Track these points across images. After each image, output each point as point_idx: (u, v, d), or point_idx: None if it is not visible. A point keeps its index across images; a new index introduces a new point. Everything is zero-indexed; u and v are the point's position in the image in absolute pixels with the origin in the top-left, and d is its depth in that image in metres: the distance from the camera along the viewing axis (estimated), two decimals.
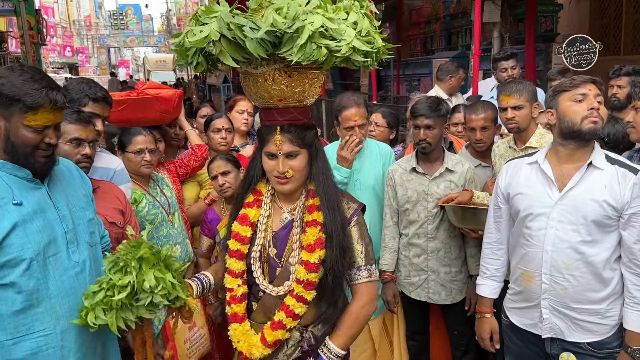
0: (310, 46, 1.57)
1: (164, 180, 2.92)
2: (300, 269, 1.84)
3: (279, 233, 1.93)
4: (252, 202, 1.96)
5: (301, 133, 1.84)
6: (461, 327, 3.03)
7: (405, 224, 2.99)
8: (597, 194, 2.06)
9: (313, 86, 1.81)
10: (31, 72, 1.74)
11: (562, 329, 2.16)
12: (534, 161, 2.24)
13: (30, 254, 1.70)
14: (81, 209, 1.93)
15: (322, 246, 1.83)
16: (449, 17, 10.80)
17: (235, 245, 1.92)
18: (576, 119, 2.08)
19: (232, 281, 1.94)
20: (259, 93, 1.80)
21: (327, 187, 1.88)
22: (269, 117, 1.85)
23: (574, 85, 2.13)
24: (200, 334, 2.77)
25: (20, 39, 14.66)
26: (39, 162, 1.77)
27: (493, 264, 2.42)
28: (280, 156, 1.83)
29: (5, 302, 1.70)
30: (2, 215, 1.69)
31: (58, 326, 1.77)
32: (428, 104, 2.87)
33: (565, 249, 2.10)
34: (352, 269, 1.88)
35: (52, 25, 30.90)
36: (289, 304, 1.85)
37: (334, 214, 1.85)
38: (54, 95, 1.73)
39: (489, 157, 3.19)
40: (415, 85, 10.55)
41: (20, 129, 1.71)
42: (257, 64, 1.68)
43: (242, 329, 1.92)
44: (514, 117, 2.88)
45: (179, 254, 2.81)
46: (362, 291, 1.89)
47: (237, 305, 1.94)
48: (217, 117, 3.64)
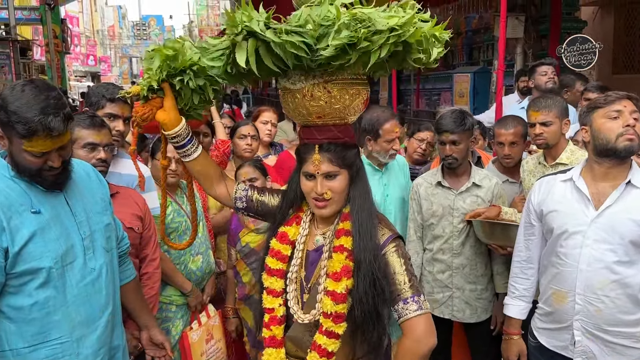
0: (346, 32, 1.48)
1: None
2: (326, 300, 1.68)
3: (310, 254, 1.83)
4: (292, 219, 1.86)
5: (341, 152, 1.72)
6: (485, 347, 2.94)
7: (429, 239, 2.93)
8: (635, 213, 2.00)
9: (354, 102, 1.71)
10: (32, 93, 1.65)
11: (594, 352, 2.08)
12: (569, 178, 2.18)
13: (48, 263, 1.70)
14: (98, 214, 1.92)
15: (350, 275, 1.68)
16: (471, 32, 10.76)
17: (276, 264, 1.80)
18: (611, 137, 2.02)
19: (272, 301, 1.80)
20: (297, 110, 1.72)
21: (362, 210, 1.75)
22: (307, 135, 1.76)
23: (608, 102, 2.07)
24: (217, 347, 2.72)
25: (45, 47, 15.00)
26: (47, 181, 1.74)
27: (522, 283, 2.34)
28: (318, 176, 1.71)
29: (22, 310, 1.69)
30: (22, 223, 1.68)
31: (74, 334, 1.77)
32: (453, 119, 2.81)
33: (601, 269, 2.03)
34: (397, 304, 1.67)
35: (76, 35, 31.51)
36: (321, 343, 1.69)
37: (365, 240, 1.69)
38: (48, 122, 1.62)
39: (517, 173, 3.11)
40: (435, 99, 10.50)
41: (21, 153, 1.68)
42: (295, 79, 1.62)
43: (276, 356, 1.79)
44: (542, 134, 2.80)
45: (200, 264, 2.77)
46: (413, 326, 1.65)
47: (277, 327, 1.80)
48: (243, 124, 3.66)
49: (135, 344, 2.27)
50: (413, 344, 1.65)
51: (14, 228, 1.66)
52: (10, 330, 1.69)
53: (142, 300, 2.26)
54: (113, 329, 1.93)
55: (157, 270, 2.47)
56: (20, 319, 1.69)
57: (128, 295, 2.14)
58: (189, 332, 2.61)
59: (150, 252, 2.42)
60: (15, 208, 1.68)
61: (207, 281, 2.88)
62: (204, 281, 2.86)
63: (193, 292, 2.72)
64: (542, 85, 4.56)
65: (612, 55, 8.56)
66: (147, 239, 2.42)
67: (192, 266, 2.73)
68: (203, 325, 2.67)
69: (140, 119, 1.71)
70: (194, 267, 2.74)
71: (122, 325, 2.04)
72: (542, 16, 8.27)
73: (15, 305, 1.68)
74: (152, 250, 2.44)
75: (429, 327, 1.67)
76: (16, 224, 1.66)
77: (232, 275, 3.02)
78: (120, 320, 2.02)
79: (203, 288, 2.86)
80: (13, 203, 1.68)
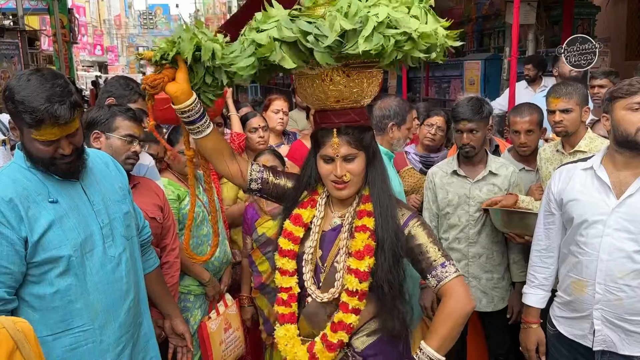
0: (377, 36, 1.49)
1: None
2: (350, 278, 1.72)
3: (327, 234, 1.85)
4: (306, 202, 1.88)
5: (359, 135, 1.75)
6: (501, 335, 2.95)
7: (445, 228, 2.92)
8: None
9: (371, 85, 1.74)
10: (37, 82, 1.64)
11: (614, 341, 2.07)
12: (589, 167, 2.15)
13: (68, 251, 1.71)
14: (117, 203, 1.93)
15: (372, 254, 1.73)
16: (482, 19, 10.62)
17: (288, 245, 1.84)
18: (631, 130, 1.99)
19: (288, 280, 1.84)
20: (315, 94, 1.73)
21: (382, 192, 1.79)
22: (324, 119, 1.77)
23: (630, 93, 2.01)
24: (235, 336, 2.74)
25: (53, 37, 15.00)
26: (61, 169, 1.75)
27: (542, 272, 2.33)
28: (337, 159, 1.74)
29: (45, 299, 1.71)
30: (39, 213, 1.69)
31: (96, 321, 1.78)
32: (470, 107, 2.79)
33: (622, 258, 2.01)
34: (435, 269, 1.71)
35: (83, 24, 31.47)
36: (350, 322, 1.73)
37: (387, 220, 1.74)
38: (55, 110, 1.62)
39: (533, 161, 3.09)
40: (445, 87, 10.39)
41: (31, 142, 1.69)
42: (314, 64, 1.61)
43: (291, 333, 1.83)
44: (562, 121, 2.78)
45: (217, 254, 2.77)
46: (454, 288, 1.70)
47: (295, 304, 1.84)
48: (252, 117, 3.66)
49: (158, 333, 2.29)
50: (456, 304, 1.69)
51: (32, 218, 1.67)
52: (34, 318, 1.70)
53: (165, 289, 2.28)
54: (137, 316, 1.94)
55: (177, 259, 2.50)
56: (43, 307, 1.71)
57: (151, 283, 2.16)
58: (208, 322, 2.62)
59: (170, 242, 2.44)
60: (33, 198, 1.70)
61: (224, 271, 2.89)
62: (221, 271, 2.87)
63: (211, 281, 2.73)
64: (566, 73, 4.53)
65: (625, 42, 8.45)
66: (167, 228, 2.43)
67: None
68: (221, 314, 2.69)
69: (149, 86, 1.65)
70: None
71: (149, 313, 2.05)
72: (554, 2, 8.16)
73: (38, 293, 1.70)
74: (171, 239, 2.46)
75: (467, 289, 1.75)
76: (34, 213, 1.68)
77: (247, 264, 3.03)
78: (146, 309, 2.03)
79: (220, 277, 2.87)
80: (30, 193, 1.70)
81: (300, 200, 1.89)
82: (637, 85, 2.01)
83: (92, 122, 2.28)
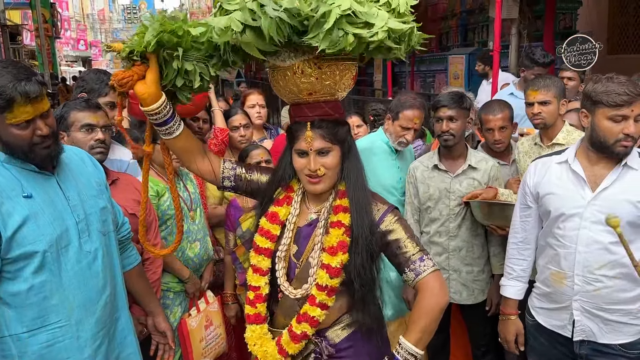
0: (337, 32, 1.48)
1: (188, 176, 2.87)
2: (321, 273, 1.72)
3: (302, 230, 1.85)
4: (282, 199, 1.86)
5: (333, 128, 1.74)
6: (482, 327, 2.97)
7: (426, 222, 2.93)
8: (631, 194, 2.01)
9: (344, 78, 1.73)
10: (0, 67, 1.64)
11: (593, 330, 2.11)
12: (564, 160, 2.18)
13: (43, 246, 1.70)
14: (93, 198, 1.92)
15: (345, 250, 1.72)
16: (466, 13, 10.65)
17: (265, 243, 1.83)
18: (610, 139, 2.00)
19: (258, 279, 1.84)
20: (288, 87, 1.72)
21: (358, 188, 1.78)
22: (298, 113, 1.77)
23: (617, 105, 1.96)
24: (216, 333, 2.72)
25: (35, 32, 14.80)
26: (39, 155, 1.73)
27: (519, 264, 2.35)
28: (311, 153, 1.73)
29: (19, 296, 1.70)
30: (13, 208, 1.68)
31: (73, 317, 1.78)
32: (450, 96, 2.85)
33: (598, 250, 2.04)
34: (412, 264, 1.71)
35: (66, 19, 31.03)
36: (313, 315, 1.74)
37: (362, 216, 1.73)
38: (23, 87, 1.62)
39: (506, 155, 3.14)
40: (430, 81, 10.44)
41: (7, 129, 1.67)
42: (285, 56, 1.61)
43: (260, 332, 1.84)
44: (540, 113, 2.81)
45: (198, 251, 2.76)
46: (431, 282, 1.70)
47: (262, 304, 1.85)
48: (233, 114, 3.59)
49: (140, 329, 2.28)
50: (431, 298, 1.70)
51: (6, 213, 1.66)
52: (9, 316, 1.69)
53: (147, 285, 2.27)
54: (113, 311, 1.93)
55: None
56: (18, 304, 1.69)
57: (133, 280, 2.15)
58: (188, 319, 2.60)
59: (152, 237, 2.42)
60: (7, 193, 1.68)
61: (205, 268, 2.88)
62: (202, 268, 2.85)
63: (191, 278, 2.71)
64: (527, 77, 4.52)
65: (606, 36, 8.53)
66: (148, 224, 2.41)
67: (189, 253, 2.72)
68: (202, 311, 2.67)
69: (117, 83, 1.61)
70: (191, 254, 2.72)
71: (127, 309, 2.04)
72: None
73: (13, 291, 1.69)
74: (153, 235, 2.44)
75: (443, 282, 1.75)
76: (7, 209, 1.67)
77: (230, 261, 3.01)
78: (124, 305, 2.01)
79: (201, 275, 2.86)
80: (4, 189, 1.69)
81: (275, 197, 1.88)
82: (625, 97, 1.95)
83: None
